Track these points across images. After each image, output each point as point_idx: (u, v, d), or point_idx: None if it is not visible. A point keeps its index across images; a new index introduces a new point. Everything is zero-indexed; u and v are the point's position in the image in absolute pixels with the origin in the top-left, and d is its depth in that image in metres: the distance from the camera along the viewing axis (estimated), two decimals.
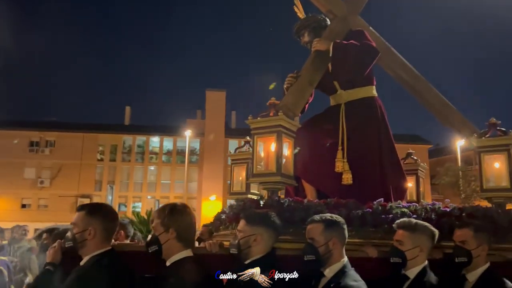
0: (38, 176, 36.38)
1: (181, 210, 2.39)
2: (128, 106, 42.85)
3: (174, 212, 2.37)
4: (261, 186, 3.10)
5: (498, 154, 3.30)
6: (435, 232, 2.57)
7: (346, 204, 2.88)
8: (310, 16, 3.99)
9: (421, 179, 4.58)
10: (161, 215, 2.36)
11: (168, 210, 2.38)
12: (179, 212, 2.38)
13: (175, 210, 2.38)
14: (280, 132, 2.98)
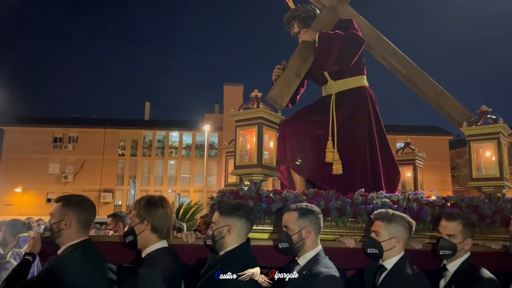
0: (62, 172, 37.31)
1: (156, 202, 2.44)
2: (148, 102, 43.39)
3: (150, 204, 2.43)
4: (243, 177, 3.12)
5: (488, 143, 3.23)
6: (412, 223, 2.54)
7: (326, 194, 2.88)
8: (300, 6, 3.96)
9: (418, 168, 4.53)
10: (137, 207, 2.42)
11: (144, 202, 2.44)
12: (154, 204, 2.43)
13: (150, 203, 2.43)
14: (261, 124, 2.99)
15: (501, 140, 3.18)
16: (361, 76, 3.82)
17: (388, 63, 4.00)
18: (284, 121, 3.86)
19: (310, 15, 3.90)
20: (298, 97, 4.09)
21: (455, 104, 4.02)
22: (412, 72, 3.97)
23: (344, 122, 3.66)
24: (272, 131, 3.12)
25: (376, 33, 3.93)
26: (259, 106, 3.05)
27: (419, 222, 2.82)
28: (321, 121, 3.73)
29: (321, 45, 3.51)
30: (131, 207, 2.49)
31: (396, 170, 3.80)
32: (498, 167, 3.14)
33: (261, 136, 2.97)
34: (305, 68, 3.65)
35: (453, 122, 3.96)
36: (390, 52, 3.94)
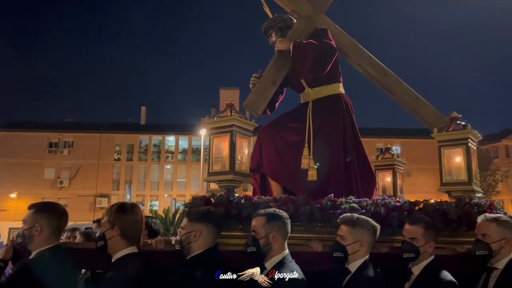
0: (57, 177, 37.29)
1: (127, 209, 2.51)
2: (144, 106, 43.47)
3: (121, 210, 2.50)
4: (217, 184, 3.19)
5: (457, 148, 3.30)
6: (376, 227, 2.62)
7: (295, 200, 2.95)
8: (277, 16, 4.05)
9: (398, 173, 4.60)
10: (109, 213, 2.49)
11: (115, 208, 2.51)
12: (125, 211, 2.50)
13: (121, 209, 2.51)
14: (233, 131, 3.05)
15: (469, 145, 3.26)
16: (337, 83, 3.91)
17: (364, 70, 4.09)
18: (262, 128, 3.94)
19: (287, 24, 3.99)
20: (277, 104, 4.17)
21: (430, 109, 4.11)
22: (387, 78, 4.06)
23: (320, 128, 3.74)
24: (245, 138, 3.18)
25: (352, 41, 4.02)
26: (232, 114, 3.11)
27: (387, 226, 2.89)
28: (298, 128, 3.80)
29: (295, 54, 3.60)
30: (104, 213, 2.56)
31: (372, 175, 3.89)
32: (467, 172, 3.21)
33: (234, 143, 3.04)
34: (281, 77, 3.73)
35: (429, 126, 4.04)
36: (365, 59, 4.04)
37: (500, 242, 2.64)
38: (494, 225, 2.68)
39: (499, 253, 2.64)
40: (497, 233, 2.65)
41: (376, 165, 4.56)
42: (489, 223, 2.70)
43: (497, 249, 2.64)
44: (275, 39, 3.98)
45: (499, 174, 32.69)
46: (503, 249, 2.64)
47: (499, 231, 2.66)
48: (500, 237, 2.64)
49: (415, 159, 32.60)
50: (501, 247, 2.64)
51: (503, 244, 2.64)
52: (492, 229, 2.67)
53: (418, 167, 32.31)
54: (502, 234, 2.65)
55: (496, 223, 2.69)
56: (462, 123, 3.33)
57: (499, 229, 2.66)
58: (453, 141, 3.31)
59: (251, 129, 3.24)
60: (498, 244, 2.64)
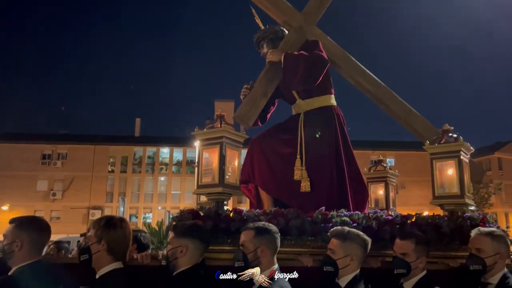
0: (50, 189, 36.93)
1: (115, 223, 2.44)
2: (138, 118, 43.39)
3: (109, 225, 2.43)
4: (206, 197, 3.13)
5: (449, 161, 3.28)
6: (367, 241, 2.56)
7: (286, 213, 2.89)
8: (268, 27, 4.04)
9: (390, 186, 4.57)
10: (96, 226, 2.42)
11: (103, 222, 2.44)
12: (113, 225, 2.43)
13: (110, 223, 2.44)
14: (223, 143, 3.01)
15: (461, 158, 3.23)
16: (328, 95, 3.88)
17: (356, 82, 4.07)
18: (253, 139, 3.91)
19: (278, 36, 3.97)
20: (268, 115, 4.14)
21: (423, 121, 4.10)
22: (380, 91, 4.04)
23: (312, 140, 3.70)
24: (235, 150, 3.14)
25: (343, 53, 4.01)
26: (222, 126, 3.07)
27: (378, 240, 2.84)
28: (289, 139, 3.77)
29: (286, 66, 3.58)
30: (90, 226, 2.48)
31: (364, 188, 3.84)
32: (459, 184, 3.18)
33: (224, 155, 3.00)
34: (272, 88, 3.70)
35: (421, 138, 4.02)
36: (358, 71, 4.02)
37: (494, 257, 2.59)
38: (489, 239, 2.64)
39: (493, 268, 2.59)
40: (491, 248, 2.61)
41: (368, 177, 4.53)
42: (484, 238, 2.65)
43: (491, 264, 2.59)
44: (267, 50, 3.96)
45: (492, 186, 32.78)
46: (497, 264, 2.60)
47: (493, 245, 2.61)
48: (494, 251, 2.59)
49: (409, 172, 32.69)
50: (495, 262, 2.59)
51: (497, 259, 2.59)
52: (486, 243, 2.63)
53: (412, 179, 32.36)
54: (496, 249, 2.60)
55: (490, 237, 2.64)
56: (454, 136, 3.31)
57: (493, 244, 2.62)
58: (445, 153, 3.29)
59: (241, 140, 3.19)
60: (492, 259, 2.59)
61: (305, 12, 3.98)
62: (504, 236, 2.70)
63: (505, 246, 2.64)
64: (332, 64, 3.90)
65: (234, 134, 3.11)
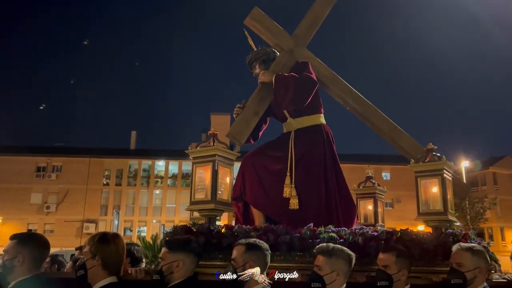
0: (44, 201, 36.73)
1: (109, 239, 2.55)
2: (134, 130, 43.45)
3: (102, 240, 2.53)
4: (199, 213, 3.24)
5: (433, 179, 3.41)
6: (351, 256, 2.67)
7: (276, 229, 3.00)
8: (260, 49, 4.20)
9: (379, 202, 4.69)
10: (91, 242, 2.52)
11: (97, 238, 2.54)
12: (107, 241, 2.53)
13: (103, 239, 2.54)
14: (215, 161, 3.13)
15: (444, 176, 3.36)
16: (318, 114, 4.03)
17: (344, 102, 4.23)
18: (245, 156, 4.03)
19: (270, 57, 4.14)
20: (260, 133, 4.28)
21: (408, 139, 4.24)
22: (367, 109, 4.20)
23: (301, 158, 3.83)
24: (227, 167, 3.26)
25: (332, 74, 4.17)
26: (215, 144, 3.20)
27: (364, 256, 2.95)
28: (280, 157, 3.89)
29: (277, 87, 3.74)
30: (86, 242, 2.58)
31: (352, 204, 3.96)
32: (442, 202, 3.31)
33: (216, 172, 3.12)
34: (263, 108, 3.85)
35: (406, 155, 4.16)
36: (345, 91, 4.18)
37: (474, 271, 2.70)
38: (469, 254, 2.75)
39: (473, 282, 2.69)
40: (471, 263, 2.72)
41: (357, 193, 4.65)
42: (464, 253, 2.76)
43: (471, 278, 2.69)
44: (259, 71, 4.12)
45: (487, 201, 32.96)
46: (477, 278, 2.70)
47: (473, 260, 2.72)
48: (474, 266, 2.70)
49: (404, 186, 32.80)
50: (475, 276, 2.70)
51: (477, 273, 2.70)
52: (466, 258, 2.74)
53: (407, 193, 32.39)
54: (476, 264, 2.71)
55: (470, 252, 2.75)
56: (438, 155, 3.44)
57: (473, 259, 2.73)
58: (429, 172, 3.42)
59: (233, 158, 3.32)
60: (472, 273, 2.70)
61: (295, 35, 4.15)
62: (484, 251, 2.81)
63: (484, 261, 2.76)
64: (321, 84, 4.06)
65: (226, 152, 3.23)
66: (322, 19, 4.30)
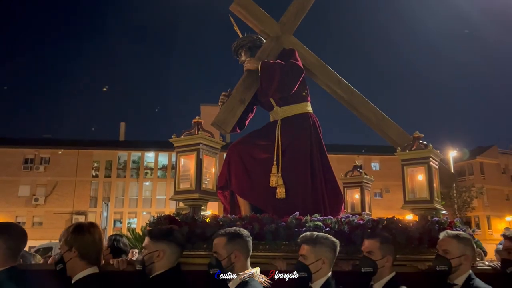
0: (32, 194, 36.37)
1: (84, 229, 2.49)
2: (123, 122, 43.06)
3: (77, 231, 2.47)
4: (183, 203, 3.18)
5: (419, 167, 3.39)
6: (336, 243, 2.65)
7: (261, 218, 2.96)
8: (246, 36, 4.13)
9: (366, 191, 4.68)
10: (65, 234, 2.46)
11: (72, 229, 2.48)
12: (82, 231, 2.47)
13: (78, 230, 2.48)
14: (199, 150, 3.07)
15: (431, 164, 3.35)
16: (305, 103, 3.98)
17: (331, 90, 4.18)
18: (230, 145, 3.98)
19: (256, 44, 4.07)
20: (247, 122, 4.22)
21: (396, 128, 4.22)
22: (354, 98, 4.16)
23: (288, 147, 3.79)
24: (212, 156, 3.21)
25: (319, 62, 4.11)
26: (199, 132, 3.13)
27: (350, 244, 2.93)
28: (266, 146, 3.84)
29: (263, 74, 3.67)
30: (61, 235, 2.52)
31: (339, 193, 3.93)
32: (428, 190, 3.30)
33: (200, 161, 3.06)
34: (249, 95, 3.78)
35: (394, 144, 4.13)
36: (333, 80, 4.13)
37: (459, 258, 2.70)
38: (455, 241, 2.74)
39: (458, 269, 2.69)
40: (457, 250, 2.71)
41: (344, 182, 4.64)
42: (450, 240, 2.76)
43: (457, 265, 2.69)
44: (245, 58, 4.05)
45: (474, 190, 33.41)
46: (462, 266, 2.70)
47: (459, 247, 2.72)
48: (460, 253, 2.70)
49: (393, 176, 33.03)
50: (460, 263, 2.70)
51: (463, 260, 2.70)
52: (452, 245, 2.73)
53: (396, 183, 32.56)
54: (462, 251, 2.71)
55: (456, 239, 2.75)
56: (424, 143, 3.42)
57: (460, 246, 2.73)
58: (415, 160, 3.40)
59: (218, 147, 3.26)
60: (458, 260, 2.70)
61: (282, 22, 4.08)
62: (470, 239, 2.81)
63: (470, 248, 2.75)
64: (308, 72, 4.01)
65: (211, 140, 3.17)
66: (309, 6, 4.24)
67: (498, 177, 41.52)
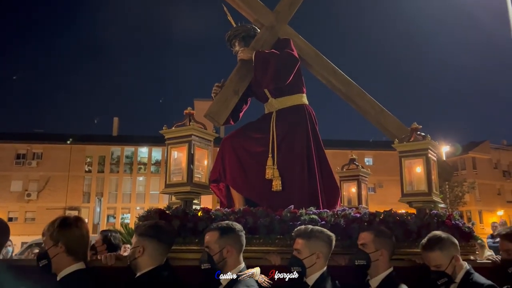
0: (25, 189, 36.06)
1: (71, 223, 2.38)
2: (116, 117, 42.72)
3: (64, 225, 2.36)
4: (174, 196, 3.08)
5: (417, 159, 3.31)
6: (331, 237, 2.57)
7: (255, 212, 2.87)
8: (240, 25, 4.01)
9: (363, 184, 4.61)
10: (50, 229, 2.35)
11: (57, 224, 2.37)
12: (68, 225, 2.37)
13: (65, 224, 2.37)
14: (191, 142, 2.97)
15: (429, 156, 3.26)
16: (300, 94, 3.88)
17: (327, 81, 4.08)
18: (224, 138, 3.88)
19: (250, 34, 3.95)
20: (241, 114, 4.11)
21: (394, 121, 4.14)
22: (351, 89, 4.07)
23: (283, 139, 3.69)
24: (204, 148, 3.10)
25: (315, 52, 4.01)
26: (190, 124, 3.03)
27: (346, 238, 2.85)
28: (261, 138, 3.75)
29: (257, 64, 3.57)
30: (45, 230, 2.40)
31: (335, 186, 3.85)
32: (427, 182, 3.22)
33: (192, 154, 2.96)
34: (243, 86, 3.68)
35: (392, 137, 4.04)
36: (329, 70, 4.03)
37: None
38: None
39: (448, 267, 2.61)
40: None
41: (341, 176, 4.56)
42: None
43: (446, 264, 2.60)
44: (238, 48, 3.94)
45: (466, 185, 33.59)
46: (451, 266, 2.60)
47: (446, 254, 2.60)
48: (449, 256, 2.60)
49: (387, 171, 33.22)
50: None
51: (454, 262, 2.61)
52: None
53: (389, 178, 32.84)
54: (451, 252, 2.62)
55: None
56: (422, 134, 3.34)
57: (443, 253, 2.60)
58: (413, 151, 3.31)
59: (211, 139, 3.16)
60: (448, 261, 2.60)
61: (277, 11, 3.97)
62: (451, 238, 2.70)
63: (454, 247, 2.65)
64: (303, 62, 3.91)
65: (203, 132, 3.07)
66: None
67: (490, 172, 41.77)
